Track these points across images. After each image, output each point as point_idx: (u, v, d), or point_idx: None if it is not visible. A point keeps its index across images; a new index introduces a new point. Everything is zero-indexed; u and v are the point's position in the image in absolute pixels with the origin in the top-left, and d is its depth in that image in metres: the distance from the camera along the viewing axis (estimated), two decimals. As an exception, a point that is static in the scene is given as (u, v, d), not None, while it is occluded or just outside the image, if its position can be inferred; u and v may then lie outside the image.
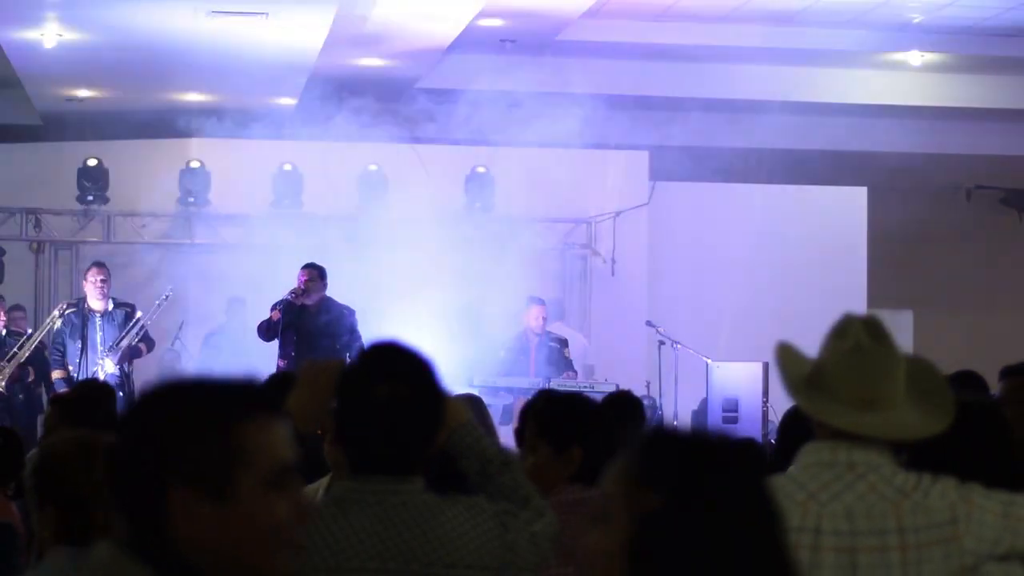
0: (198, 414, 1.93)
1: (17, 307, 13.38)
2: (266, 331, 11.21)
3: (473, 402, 4.84)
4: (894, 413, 2.84)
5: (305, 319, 11.10)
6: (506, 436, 5.64)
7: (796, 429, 5.62)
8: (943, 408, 2.89)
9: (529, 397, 4.75)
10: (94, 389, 6.68)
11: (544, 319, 12.53)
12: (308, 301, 11.12)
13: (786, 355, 2.93)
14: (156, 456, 1.90)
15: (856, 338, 2.82)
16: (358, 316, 11.30)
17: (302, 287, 11.13)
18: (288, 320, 11.07)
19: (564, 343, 12.63)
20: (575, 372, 12.43)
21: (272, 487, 1.93)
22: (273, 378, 6.08)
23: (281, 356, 11.14)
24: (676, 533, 1.89)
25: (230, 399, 1.96)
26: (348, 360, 3.61)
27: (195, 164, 14.00)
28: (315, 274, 11.20)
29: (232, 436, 1.92)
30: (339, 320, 11.15)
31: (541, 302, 12.66)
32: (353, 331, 11.14)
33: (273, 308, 11.20)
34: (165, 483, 1.89)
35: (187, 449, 1.91)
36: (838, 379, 2.84)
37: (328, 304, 11.22)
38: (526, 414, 4.26)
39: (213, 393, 1.97)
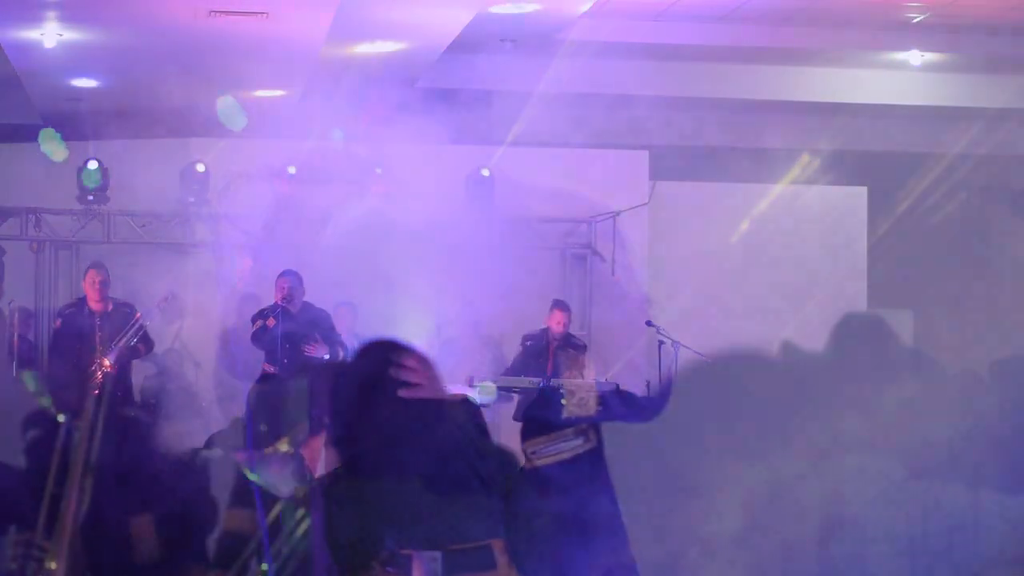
0: None
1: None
2: (260, 338, 11.66)
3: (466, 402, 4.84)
4: None
5: (288, 324, 11.58)
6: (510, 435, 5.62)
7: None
8: None
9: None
10: None
11: (567, 324, 12.61)
12: (293, 307, 11.58)
13: None
14: None
15: None
16: (355, 315, 11.80)
17: (288, 294, 11.60)
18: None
19: (583, 349, 12.69)
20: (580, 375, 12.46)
21: None
22: (269, 378, 6.08)
23: (269, 361, 11.58)
24: None
25: None
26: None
27: (195, 165, 13.98)
28: (296, 280, 11.73)
29: None
30: (319, 323, 11.64)
31: (566, 307, 12.71)
32: (333, 330, 11.65)
33: (260, 317, 11.70)
34: None
35: None
36: None
37: (307, 308, 11.75)
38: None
39: None
